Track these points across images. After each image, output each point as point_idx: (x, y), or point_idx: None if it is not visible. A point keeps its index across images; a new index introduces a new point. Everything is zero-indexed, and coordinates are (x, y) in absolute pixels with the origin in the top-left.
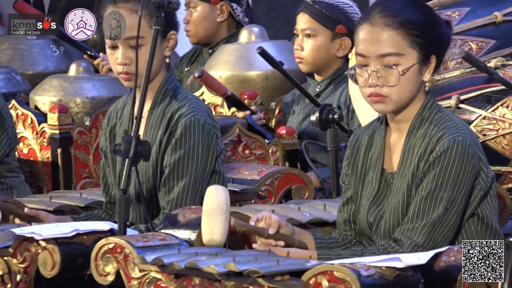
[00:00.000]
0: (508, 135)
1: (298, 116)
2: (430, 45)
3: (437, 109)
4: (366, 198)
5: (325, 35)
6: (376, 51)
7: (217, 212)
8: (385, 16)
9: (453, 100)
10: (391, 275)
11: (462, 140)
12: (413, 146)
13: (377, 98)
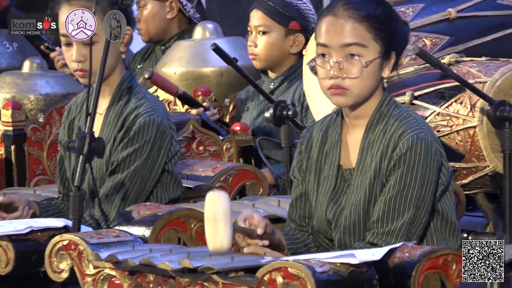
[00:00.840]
0: (461, 131)
1: (252, 113)
2: (392, 41)
3: (395, 105)
4: (323, 195)
5: (279, 32)
6: (340, 41)
7: (224, 219)
8: (348, 8)
9: (407, 97)
10: (346, 271)
11: (424, 137)
12: (372, 143)
13: (337, 90)
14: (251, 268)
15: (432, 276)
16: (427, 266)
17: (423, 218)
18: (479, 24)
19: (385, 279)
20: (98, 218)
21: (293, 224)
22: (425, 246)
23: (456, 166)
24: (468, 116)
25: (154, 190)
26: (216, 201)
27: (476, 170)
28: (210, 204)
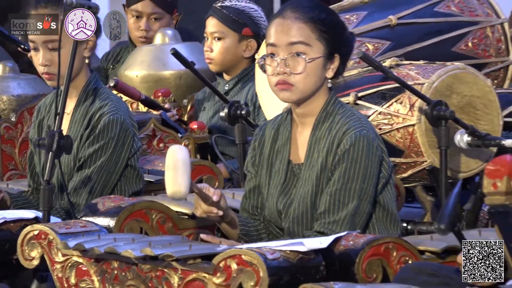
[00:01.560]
0: (401, 129)
1: (209, 112)
2: (335, 44)
3: (340, 104)
4: (274, 187)
5: (233, 38)
6: (287, 40)
7: (183, 167)
8: (295, 11)
9: (351, 97)
10: (295, 258)
11: (366, 134)
12: (319, 139)
13: (283, 86)
14: (208, 256)
15: (375, 263)
16: (370, 253)
17: (365, 209)
18: (418, 30)
19: (331, 266)
20: (67, 209)
21: (246, 213)
22: (368, 235)
23: (396, 161)
24: (407, 115)
25: (118, 184)
26: (176, 152)
27: (415, 165)
28: (171, 155)
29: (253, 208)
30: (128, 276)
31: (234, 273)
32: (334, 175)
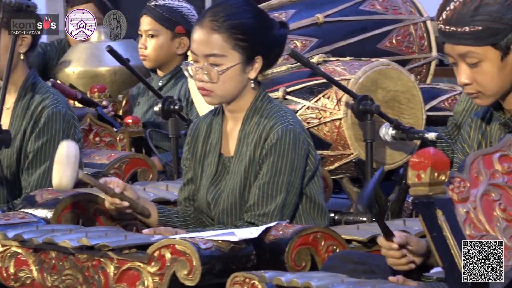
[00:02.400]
0: (328, 123)
1: (143, 107)
2: (255, 48)
3: (268, 100)
4: (206, 179)
5: (166, 35)
6: (203, 51)
7: (66, 161)
8: (213, 20)
9: (281, 92)
10: (227, 248)
11: (293, 129)
12: (248, 134)
13: (203, 91)
14: (143, 246)
15: (303, 252)
16: (299, 242)
17: (292, 200)
18: (344, 28)
19: (262, 255)
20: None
21: (181, 205)
22: (297, 225)
23: (324, 154)
24: (334, 109)
25: None
26: (62, 147)
27: (341, 157)
28: (59, 149)
29: (186, 199)
30: (66, 266)
31: (168, 262)
32: (262, 168)
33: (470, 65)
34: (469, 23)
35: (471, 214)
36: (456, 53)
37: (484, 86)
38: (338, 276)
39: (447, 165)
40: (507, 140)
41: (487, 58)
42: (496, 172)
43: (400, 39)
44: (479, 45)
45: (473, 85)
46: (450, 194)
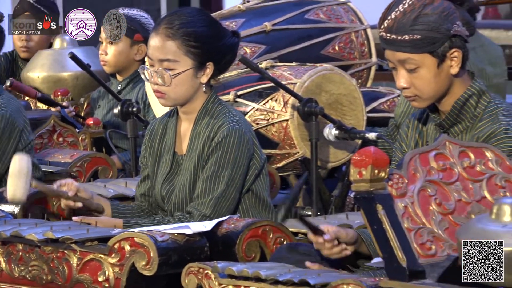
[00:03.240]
0: (276, 123)
1: (103, 109)
2: (207, 55)
3: (219, 103)
4: (161, 176)
5: (125, 42)
6: (158, 56)
7: (18, 175)
8: (168, 28)
9: (232, 95)
10: (182, 240)
11: (238, 129)
12: (199, 133)
13: (158, 94)
14: (104, 238)
15: (253, 243)
16: (249, 235)
17: (232, 195)
18: (290, 35)
19: (215, 247)
20: None
21: (138, 201)
22: (247, 219)
23: (272, 153)
24: (281, 111)
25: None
26: (15, 162)
27: (288, 156)
28: (12, 164)
29: (142, 195)
30: (32, 257)
31: (128, 253)
32: (207, 163)
33: (408, 70)
34: (408, 32)
35: (409, 208)
36: (396, 59)
37: (421, 90)
38: (285, 266)
39: (386, 163)
40: (442, 140)
41: (425, 65)
42: (432, 169)
43: (342, 45)
44: (417, 53)
45: (411, 89)
46: (389, 189)
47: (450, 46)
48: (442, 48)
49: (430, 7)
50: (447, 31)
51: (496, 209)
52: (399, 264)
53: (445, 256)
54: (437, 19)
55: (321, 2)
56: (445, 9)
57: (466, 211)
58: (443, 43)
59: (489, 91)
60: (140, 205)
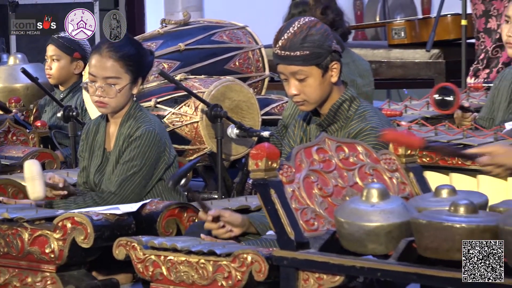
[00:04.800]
0: (189, 124)
1: (49, 114)
2: (139, 71)
3: (139, 109)
4: (93, 167)
5: (66, 59)
6: (103, 74)
7: (38, 177)
8: (110, 51)
9: (153, 102)
10: (113, 219)
11: (152, 130)
12: (122, 133)
13: (101, 104)
14: (50, 218)
15: (171, 221)
16: (167, 214)
17: (137, 180)
18: (200, 53)
19: (140, 224)
20: None
21: (80, 187)
22: (165, 201)
23: (185, 148)
24: (193, 114)
25: None
26: (30, 166)
27: (198, 150)
28: (27, 168)
29: (84, 183)
30: None
31: (69, 230)
32: (123, 154)
33: (299, 80)
34: (299, 48)
35: (296, 192)
36: (288, 71)
37: (309, 96)
38: (197, 240)
39: (277, 156)
40: (322, 137)
41: (312, 75)
42: (314, 161)
43: (241, 61)
44: (306, 65)
45: (300, 95)
46: (280, 177)
47: (331, 60)
48: (325, 61)
49: (314, 28)
50: (329, 47)
51: (366, 193)
52: (288, 237)
53: (325, 231)
54: (321, 38)
55: (224, 26)
56: (326, 30)
57: (342, 194)
58: (326, 57)
59: (359, 97)
60: (85, 191)
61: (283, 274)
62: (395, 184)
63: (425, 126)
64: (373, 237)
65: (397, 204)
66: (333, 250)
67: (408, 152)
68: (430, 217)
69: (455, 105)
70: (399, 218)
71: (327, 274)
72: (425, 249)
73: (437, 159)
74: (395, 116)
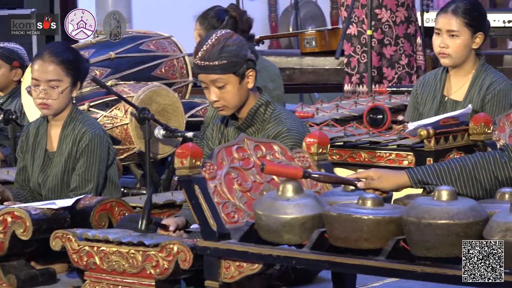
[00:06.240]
0: (119, 126)
1: None
2: (78, 75)
3: (80, 112)
4: (36, 167)
5: (6, 68)
6: (46, 78)
7: None
8: (51, 56)
9: (86, 106)
10: (50, 213)
11: (99, 133)
12: (66, 135)
13: (44, 106)
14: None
15: (103, 215)
16: (100, 209)
17: (101, 181)
18: (129, 61)
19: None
20: None
21: (18, 185)
22: (98, 197)
23: (117, 148)
24: (123, 117)
25: None
26: None
27: (128, 150)
28: None
29: (23, 181)
30: None
31: (9, 223)
32: (79, 161)
33: (218, 87)
34: (217, 58)
35: (218, 187)
36: (208, 80)
37: (228, 102)
38: (127, 232)
39: (201, 155)
40: (241, 137)
41: (230, 82)
42: (234, 159)
43: (167, 68)
44: (224, 73)
45: (220, 101)
46: (203, 174)
47: (247, 67)
48: (242, 69)
49: (230, 40)
50: (244, 56)
51: (282, 188)
52: (211, 228)
53: (245, 223)
54: (237, 48)
55: (151, 36)
56: (241, 41)
57: (260, 189)
58: (242, 65)
59: (273, 102)
60: (23, 190)
61: (207, 262)
62: (308, 179)
63: (335, 127)
64: (288, 228)
65: (310, 198)
66: (252, 241)
67: (320, 150)
68: (340, 209)
69: (386, 124)
70: (312, 211)
71: (247, 262)
72: (336, 239)
73: (346, 157)
74: (308, 118)
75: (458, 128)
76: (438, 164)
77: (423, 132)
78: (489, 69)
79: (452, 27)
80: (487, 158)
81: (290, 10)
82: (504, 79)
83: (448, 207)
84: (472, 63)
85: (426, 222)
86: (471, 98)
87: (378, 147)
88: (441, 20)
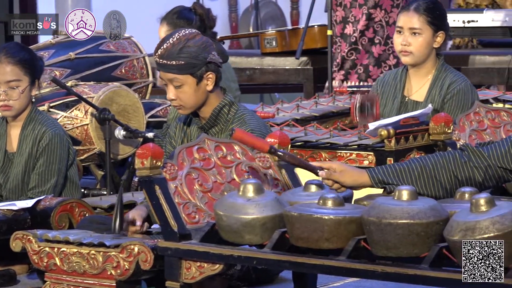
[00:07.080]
0: (80, 127)
1: None
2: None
3: (39, 113)
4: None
5: None
6: (4, 79)
7: None
8: (7, 57)
9: (46, 106)
10: (10, 214)
11: (59, 133)
12: (26, 136)
13: (6, 107)
14: None
15: (64, 216)
16: (60, 209)
17: (61, 181)
18: (89, 62)
19: (35, 218)
20: None
21: None
22: (59, 198)
23: (77, 148)
24: (83, 118)
25: None
26: None
27: (89, 150)
28: None
29: None
30: None
31: None
32: (39, 160)
33: (175, 87)
34: (175, 58)
35: (178, 188)
36: (166, 78)
37: (184, 102)
38: (88, 232)
39: (161, 155)
40: (202, 137)
41: (187, 83)
42: (195, 159)
43: (127, 69)
44: (181, 74)
45: (177, 100)
46: (164, 174)
47: (206, 70)
48: (200, 71)
49: (192, 41)
50: (204, 59)
51: (242, 188)
52: (172, 229)
53: (206, 223)
54: (197, 50)
55: None
56: (203, 43)
57: (221, 190)
58: (200, 67)
59: (236, 102)
60: None
61: (167, 263)
62: (269, 180)
63: (295, 127)
64: (249, 228)
65: (271, 198)
66: (213, 241)
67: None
68: (300, 209)
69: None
70: (272, 211)
71: (208, 263)
72: (297, 239)
73: (306, 157)
74: (268, 118)
75: (418, 128)
76: (398, 164)
77: (384, 132)
78: (449, 69)
79: (414, 24)
80: (447, 158)
81: (250, 10)
82: (464, 79)
83: (409, 207)
84: (432, 62)
85: (387, 222)
86: (432, 98)
87: (339, 147)
88: (403, 18)
